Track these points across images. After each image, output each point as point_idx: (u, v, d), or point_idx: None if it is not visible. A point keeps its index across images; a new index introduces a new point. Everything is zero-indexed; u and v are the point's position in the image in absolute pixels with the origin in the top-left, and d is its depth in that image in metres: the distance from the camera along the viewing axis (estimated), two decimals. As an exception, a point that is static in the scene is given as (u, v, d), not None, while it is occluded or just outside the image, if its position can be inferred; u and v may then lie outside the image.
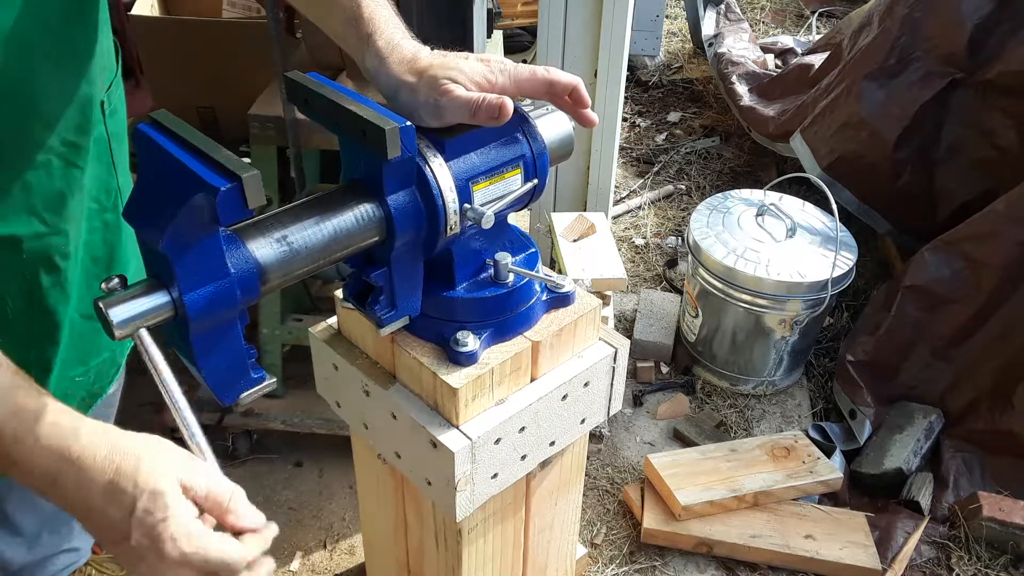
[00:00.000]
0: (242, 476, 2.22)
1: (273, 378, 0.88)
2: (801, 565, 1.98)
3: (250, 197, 0.72)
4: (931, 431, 2.24)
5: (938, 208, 2.72)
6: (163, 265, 0.75)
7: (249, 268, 0.79)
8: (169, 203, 0.72)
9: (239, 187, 0.71)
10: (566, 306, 1.10)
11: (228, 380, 0.84)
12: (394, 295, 0.95)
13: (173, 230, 0.71)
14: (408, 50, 0.91)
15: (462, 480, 0.99)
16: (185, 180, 0.73)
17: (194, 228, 0.73)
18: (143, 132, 0.79)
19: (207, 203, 0.71)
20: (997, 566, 1.99)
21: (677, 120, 4.14)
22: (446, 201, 0.90)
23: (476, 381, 0.99)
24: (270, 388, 0.88)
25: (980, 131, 2.61)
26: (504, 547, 1.23)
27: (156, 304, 0.75)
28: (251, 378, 0.85)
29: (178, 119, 0.79)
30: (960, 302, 2.31)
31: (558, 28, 2.48)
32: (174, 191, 0.73)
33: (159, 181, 0.76)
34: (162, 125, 0.79)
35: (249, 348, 0.84)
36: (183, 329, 0.77)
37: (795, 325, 2.38)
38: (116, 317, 0.73)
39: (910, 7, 2.74)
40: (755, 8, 5.35)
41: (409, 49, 0.91)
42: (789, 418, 2.46)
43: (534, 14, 3.37)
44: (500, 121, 0.86)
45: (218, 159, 0.73)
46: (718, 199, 2.60)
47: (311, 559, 2.02)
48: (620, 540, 2.08)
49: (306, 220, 0.85)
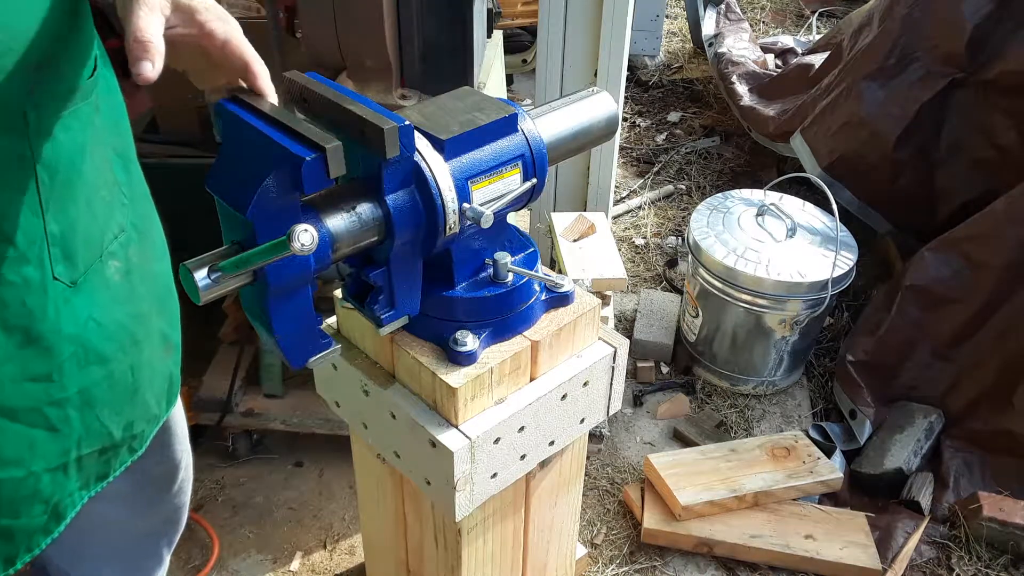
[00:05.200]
0: (242, 476, 2.23)
1: (338, 344, 0.92)
2: (801, 565, 1.98)
3: (332, 166, 0.76)
4: (931, 431, 2.24)
5: (938, 208, 2.72)
6: (246, 232, 0.79)
7: (322, 237, 0.83)
8: (254, 173, 0.76)
9: (323, 157, 0.75)
10: (565, 306, 1.10)
11: (300, 344, 0.88)
12: (393, 295, 0.95)
13: (258, 199, 0.76)
14: None
15: (461, 480, 0.99)
16: (270, 151, 0.77)
17: (277, 197, 0.77)
18: (224, 107, 0.84)
19: (292, 173, 0.75)
20: (997, 566, 1.99)
21: (677, 120, 4.14)
22: (445, 200, 0.90)
23: (475, 381, 0.99)
24: (336, 354, 0.92)
25: (980, 131, 2.60)
26: (504, 547, 1.23)
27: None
28: (319, 343, 0.90)
29: (257, 96, 0.84)
30: (960, 302, 2.31)
31: (558, 28, 2.48)
32: (259, 162, 0.77)
33: (242, 153, 0.81)
34: (242, 100, 0.84)
35: (317, 316, 0.88)
36: (261, 294, 0.82)
37: (795, 325, 2.38)
38: (201, 279, 0.76)
39: (910, 7, 2.74)
40: (755, 8, 5.35)
41: None
42: (789, 418, 2.46)
43: (534, 14, 3.38)
44: (138, 73, 0.75)
45: (300, 131, 0.78)
46: (718, 199, 2.60)
47: (311, 559, 2.02)
48: (620, 540, 2.08)
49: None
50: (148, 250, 1.01)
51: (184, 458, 1.23)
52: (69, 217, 0.83)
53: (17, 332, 0.81)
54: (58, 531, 0.94)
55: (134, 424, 0.99)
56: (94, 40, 0.88)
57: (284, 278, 0.80)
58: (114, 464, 0.99)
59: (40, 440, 0.87)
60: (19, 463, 0.86)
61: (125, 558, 1.27)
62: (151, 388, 1.02)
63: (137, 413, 1.00)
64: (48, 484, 0.90)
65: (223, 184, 0.80)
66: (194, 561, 2.01)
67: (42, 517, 0.91)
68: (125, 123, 0.97)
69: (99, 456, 0.96)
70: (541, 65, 2.56)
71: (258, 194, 0.75)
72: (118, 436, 0.97)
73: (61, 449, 0.90)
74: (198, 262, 0.77)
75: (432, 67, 2.03)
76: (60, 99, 0.81)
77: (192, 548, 2.04)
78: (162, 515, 1.26)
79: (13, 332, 0.81)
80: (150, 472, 1.16)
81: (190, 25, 0.86)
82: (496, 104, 0.99)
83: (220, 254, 0.78)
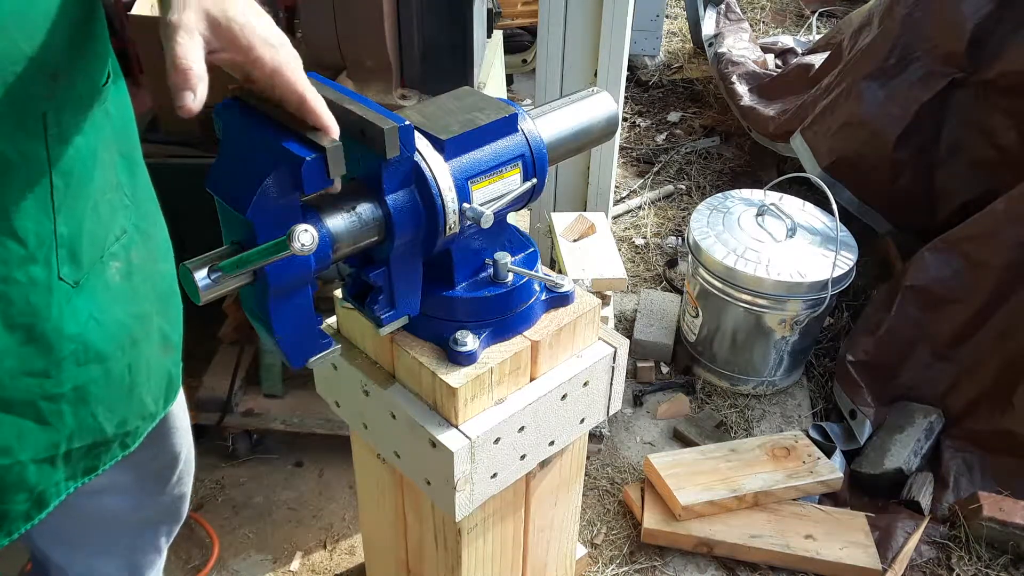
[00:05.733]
0: (242, 476, 2.23)
1: (338, 344, 0.92)
2: (801, 565, 1.98)
3: (332, 167, 0.76)
4: (931, 431, 2.24)
5: (938, 208, 2.72)
6: (245, 232, 0.79)
7: (322, 237, 0.83)
8: (254, 173, 0.76)
9: (323, 157, 0.76)
10: (565, 306, 1.10)
11: (300, 344, 0.88)
12: (393, 295, 0.95)
13: (258, 199, 0.76)
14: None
15: (461, 480, 0.99)
16: (270, 151, 0.77)
17: (277, 197, 0.77)
18: (225, 107, 0.83)
19: (292, 173, 0.76)
20: (997, 566, 1.99)
21: (677, 120, 4.14)
22: (445, 200, 0.90)
23: (475, 381, 0.99)
24: (336, 354, 0.92)
25: (980, 131, 2.61)
26: (504, 547, 1.23)
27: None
28: (319, 343, 0.90)
29: (257, 96, 0.83)
30: (960, 302, 2.31)
31: (558, 28, 2.48)
32: (259, 162, 0.77)
33: (242, 153, 0.81)
34: (243, 100, 0.83)
35: (317, 316, 0.88)
36: (261, 294, 0.82)
37: (795, 325, 2.38)
38: (201, 279, 0.76)
39: (910, 7, 2.74)
40: (755, 8, 5.35)
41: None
42: (789, 418, 2.46)
43: (534, 14, 3.38)
44: (180, 105, 0.72)
45: (300, 131, 0.78)
46: (718, 199, 2.60)
47: (311, 559, 2.02)
48: (620, 540, 2.08)
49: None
50: (152, 250, 1.01)
51: (184, 451, 1.24)
52: (77, 219, 0.85)
53: (20, 330, 0.82)
54: (39, 518, 0.95)
55: (128, 421, 1.00)
56: (109, 48, 0.88)
57: (284, 278, 0.81)
58: (104, 459, 1.00)
59: (30, 432, 0.88)
60: (6, 452, 0.87)
61: (124, 549, 1.27)
62: (148, 386, 1.02)
63: (132, 410, 1.00)
64: (34, 474, 0.91)
65: (223, 184, 0.80)
66: (194, 561, 2.01)
67: (24, 504, 0.93)
68: (133, 127, 0.98)
69: (89, 451, 0.97)
70: (541, 65, 2.56)
71: (258, 194, 0.75)
72: (110, 432, 0.98)
73: (50, 442, 0.91)
74: (198, 262, 0.77)
75: (432, 67, 2.03)
76: (76, 105, 0.82)
77: (192, 548, 2.04)
78: (162, 506, 1.26)
79: (16, 329, 0.82)
80: (149, 465, 1.17)
81: (234, 50, 0.77)
82: (496, 104, 0.99)
83: (220, 254, 0.78)
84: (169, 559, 2.00)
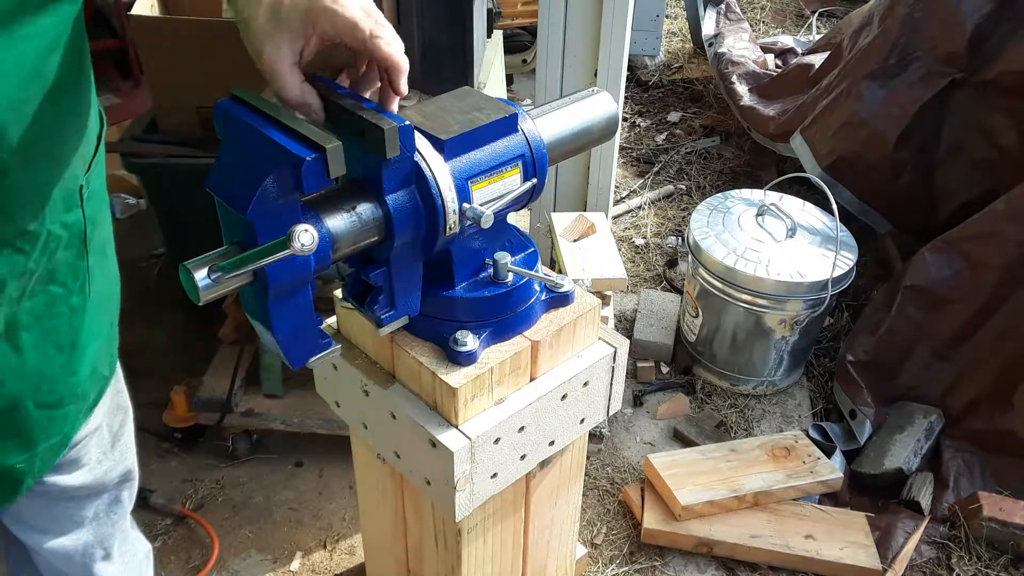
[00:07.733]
0: (242, 476, 2.23)
1: (338, 345, 0.92)
2: (801, 565, 1.98)
3: (332, 166, 0.76)
4: (931, 431, 2.24)
5: (938, 208, 2.72)
6: (246, 232, 0.79)
7: (322, 237, 0.83)
8: (254, 173, 0.76)
9: (323, 157, 0.75)
10: (565, 306, 1.10)
11: (300, 344, 0.88)
12: (393, 295, 0.95)
13: (258, 199, 0.76)
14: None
15: (461, 480, 0.99)
16: (270, 151, 0.77)
17: (277, 197, 0.77)
18: (225, 107, 0.83)
19: (292, 173, 0.76)
20: (997, 566, 1.99)
21: (677, 120, 4.14)
22: (445, 200, 0.90)
23: (475, 381, 0.99)
24: (336, 354, 0.92)
25: (980, 131, 2.61)
26: (504, 547, 1.23)
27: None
28: (319, 343, 0.90)
29: (257, 95, 0.84)
30: (960, 302, 2.31)
31: (558, 28, 2.48)
32: (259, 162, 0.77)
33: (242, 153, 0.81)
34: (242, 100, 0.83)
35: (317, 316, 0.88)
36: (261, 294, 0.82)
37: (795, 325, 2.38)
38: (201, 279, 0.76)
39: (910, 7, 2.74)
40: (755, 8, 5.35)
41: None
42: (789, 418, 2.46)
43: (534, 14, 3.38)
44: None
45: (300, 131, 0.78)
46: (718, 199, 2.60)
47: (311, 559, 2.02)
48: (620, 540, 2.08)
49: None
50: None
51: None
52: (97, 250, 0.93)
53: (66, 349, 0.90)
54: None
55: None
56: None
57: (284, 278, 0.81)
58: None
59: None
60: (59, 431, 0.94)
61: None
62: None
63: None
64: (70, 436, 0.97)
65: (223, 184, 0.80)
66: (194, 561, 2.01)
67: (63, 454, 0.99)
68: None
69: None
70: (541, 65, 2.56)
71: (258, 194, 0.75)
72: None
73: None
74: (198, 262, 0.77)
75: (432, 67, 2.03)
76: (93, 161, 0.89)
77: (192, 548, 2.04)
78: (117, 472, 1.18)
79: (63, 349, 0.90)
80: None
81: (349, 38, 0.85)
82: (496, 104, 0.99)
83: (220, 254, 0.78)
84: (169, 559, 2.01)
